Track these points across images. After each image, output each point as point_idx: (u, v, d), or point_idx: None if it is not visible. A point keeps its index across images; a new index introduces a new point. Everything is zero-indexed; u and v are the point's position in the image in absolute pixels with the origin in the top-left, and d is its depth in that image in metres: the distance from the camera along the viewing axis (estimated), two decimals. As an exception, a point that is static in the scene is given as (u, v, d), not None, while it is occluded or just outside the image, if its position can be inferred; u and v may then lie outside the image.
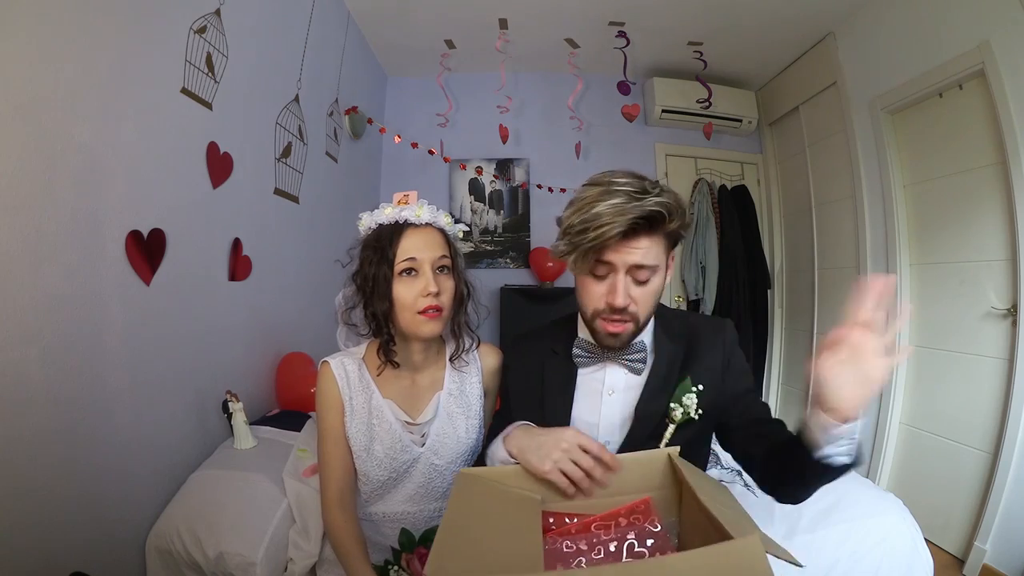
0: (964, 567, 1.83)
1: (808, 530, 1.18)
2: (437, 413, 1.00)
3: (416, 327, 0.92)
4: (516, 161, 3.23)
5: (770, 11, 2.46)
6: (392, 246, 0.91)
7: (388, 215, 0.93)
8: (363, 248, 0.95)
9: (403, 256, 0.90)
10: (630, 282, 0.79)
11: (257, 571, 1.06)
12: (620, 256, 0.78)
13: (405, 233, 0.92)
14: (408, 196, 0.96)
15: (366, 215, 0.96)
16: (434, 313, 0.91)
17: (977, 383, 1.92)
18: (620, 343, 0.85)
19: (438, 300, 0.91)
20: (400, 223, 0.93)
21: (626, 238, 0.76)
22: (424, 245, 0.92)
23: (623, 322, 0.81)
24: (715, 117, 3.10)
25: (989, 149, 1.89)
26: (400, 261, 0.90)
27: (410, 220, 0.93)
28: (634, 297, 0.80)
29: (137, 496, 1.16)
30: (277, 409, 1.71)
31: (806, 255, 2.99)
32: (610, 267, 0.79)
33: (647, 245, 0.78)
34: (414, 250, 0.91)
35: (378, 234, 0.93)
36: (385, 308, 0.91)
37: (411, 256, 0.91)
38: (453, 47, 2.77)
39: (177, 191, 1.31)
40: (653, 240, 0.78)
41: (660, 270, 0.81)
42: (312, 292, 2.09)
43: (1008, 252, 1.83)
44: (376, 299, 0.91)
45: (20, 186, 0.89)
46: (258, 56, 1.68)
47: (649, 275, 0.80)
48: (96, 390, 1.06)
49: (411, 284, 0.91)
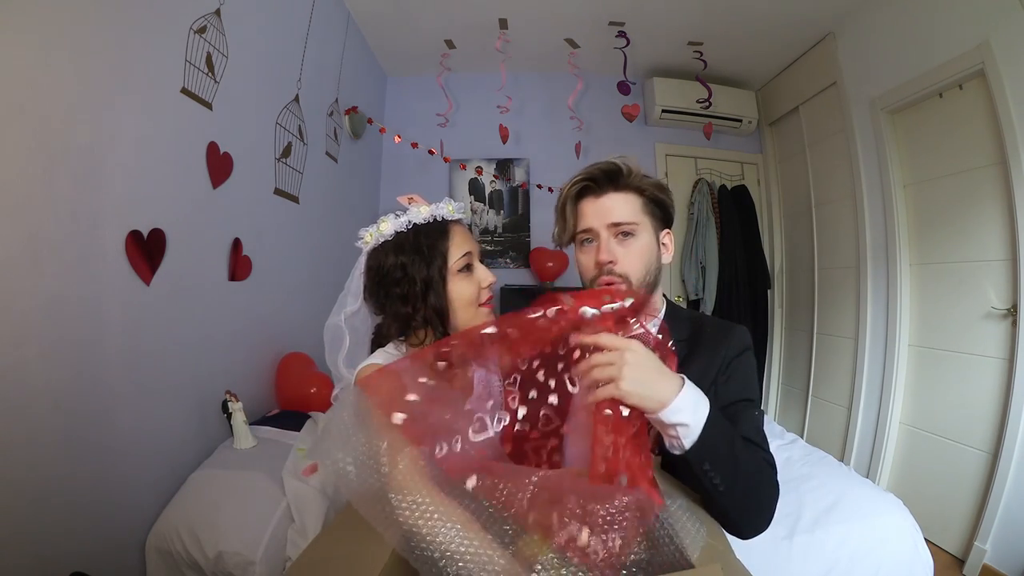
0: (964, 567, 1.83)
1: (808, 530, 1.18)
2: None
3: (477, 319, 0.88)
4: (516, 161, 3.23)
5: (770, 11, 2.46)
6: (444, 242, 0.86)
7: (425, 213, 0.88)
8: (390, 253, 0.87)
9: (459, 252, 0.87)
10: (613, 241, 0.85)
11: (256, 570, 1.06)
12: (597, 216, 0.85)
13: (453, 228, 0.88)
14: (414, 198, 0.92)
15: (390, 218, 0.88)
16: (489, 304, 0.90)
17: (977, 383, 1.92)
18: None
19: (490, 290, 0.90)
20: (439, 220, 0.89)
21: (596, 196, 0.86)
22: (470, 239, 0.90)
23: (616, 284, 0.84)
24: (715, 117, 3.10)
25: (989, 149, 1.89)
26: (458, 258, 0.86)
27: (447, 217, 0.89)
28: (619, 255, 0.84)
29: (137, 496, 1.16)
30: (277, 409, 1.71)
31: (806, 255, 2.99)
32: (591, 232, 0.86)
33: (618, 201, 0.85)
34: (467, 244, 0.88)
35: (417, 234, 0.87)
36: (443, 306, 0.86)
37: (467, 251, 0.88)
38: (453, 47, 2.77)
39: (177, 191, 1.31)
40: (624, 197, 0.85)
41: (643, 230, 0.86)
42: (312, 292, 2.09)
43: (1008, 252, 1.83)
44: (432, 300, 0.85)
45: (20, 186, 0.89)
46: (258, 56, 1.68)
47: (630, 230, 0.85)
48: (96, 390, 1.06)
49: (470, 279, 0.88)
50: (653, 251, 0.88)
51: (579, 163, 3.01)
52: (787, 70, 3.04)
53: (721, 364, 0.85)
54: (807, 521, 1.21)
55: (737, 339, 0.88)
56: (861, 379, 2.45)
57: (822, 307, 2.84)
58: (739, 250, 3.13)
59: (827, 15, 2.49)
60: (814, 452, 1.63)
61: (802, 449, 1.65)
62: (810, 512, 1.23)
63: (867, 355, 2.43)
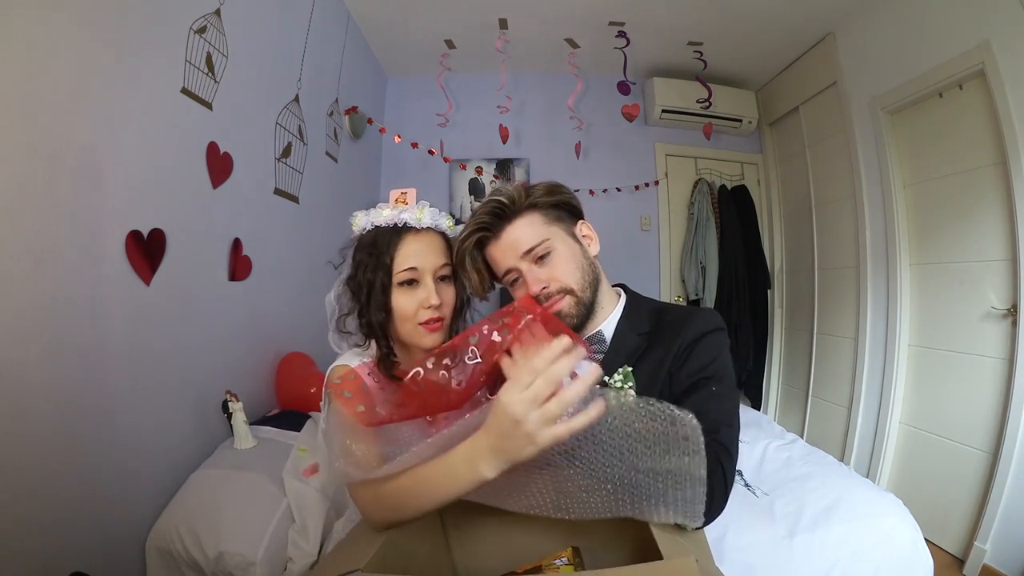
0: (964, 567, 1.83)
1: (808, 530, 1.18)
2: None
3: (418, 338, 0.85)
4: (516, 161, 3.23)
5: (770, 11, 2.46)
6: (390, 252, 0.83)
7: (386, 217, 0.85)
8: (357, 250, 0.87)
9: (403, 264, 0.83)
10: (534, 268, 0.82)
11: (257, 571, 1.06)
12: (507, 255, 0.83)
13: (405, 238, 0.84)
14: (407, 194, 0.89)
15: (361, 214, 0.88)
16: (436, 325, 0.84)
17: (977, 383, 1.92)
18: (573, 320, 0.84)
19: (439, 311, 0.84)
20: (399, 226, 0.85)
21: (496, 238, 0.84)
22: (426, 252, 0.85)
23: (556, 300, 0.82)
24: (715, 117, 3.10)
25: (989, 149, 1.89)
26: (400, 270, 0.83)
27: (410, 224, 0.85)
28: (545, 276, 0.82)
29: (137, 496, 1.16)
30: (277, 409, 1.71)
31: (806, 255, 2.99)
32: (513, 271, 0.84)
33: (519, 230, 0.83)
34: (415, 258, 0.83)
35: (374, 237, 0.85)
36: (382, 318, 0.84)
37: (412, 265, 0.83)
38: (453, 47, 2.77)
39: (177, 191, 1.31)
40: (522, 223, 0.83)
41: (556, 241, 0.83)
42: (312, 292, 2.09)
43: (1008, 252, 1.83)
44: (373, 309, 0.83)
45: (20, 186, 0.89)
46: (258, 56, 1.68)
47: (544, 250, 0.82)
48: (96, 390, 1.06)
49: (411, 294, 0.83)
50: (576, 251, 0.86)
51: (579, 163, 3.03)
52: (787, 70, 3.04)
53: (676, 353, 0.80)
54: (807, 521, 1.21)
55: (697, 324, 0.82)
56: (861, 379, 2.45)
57: (822, 307, 2.84)
58: (739, 250, 3.13)
59: (827, 15, 2.49)
60: (814, 452, 1.63)
61: (802, 449, 1.65)
62: (810, 512, 1.23)
63: (867, 355, 2.43)
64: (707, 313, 0.86)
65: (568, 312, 0.83)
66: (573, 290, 0.83)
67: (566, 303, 0.83)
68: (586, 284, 0.85)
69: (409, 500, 0.64)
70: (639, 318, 0.88)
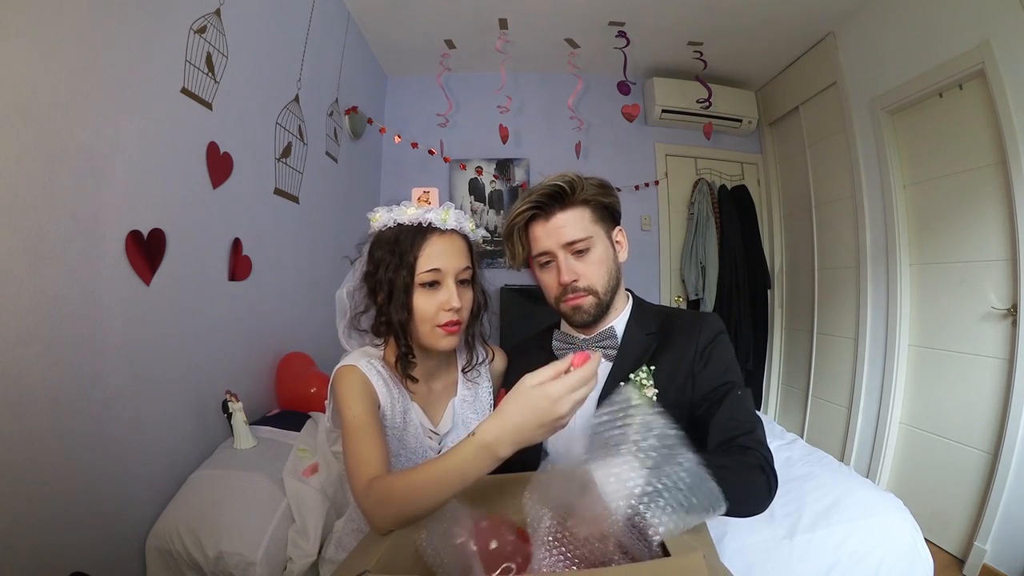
0: (964, 567, 1.83)
1: (808, 530, 1.18)
2: (455, 423, 0.95)
3: (435, 341, 0.85)
4: (516, 161, 3.23)
5: (770, 11, 2.46)
6: (415, 251, 0.82)
7: (411, 215, 0.84)
8: (376, 247, 0.86)
9: (427, 265, 0.82)
10: (571, 259, 0.87)
11: (256, 571, 1.06)
12: (550, 238, 0.87)
13: (430, 238, 0.83)
14: (429, 193, 0.88)
15: (382, 210, 0.86)
16: (454, 328, 0.84)
17: (977, 383, 1.92)
18: (589, 318, 0.89)
19: (459, 315, 0.84)
20: (424, 226, 0.84)
21: (545, 219, 0.87)
22: (449, 254, 0.84)
23: (580, 296, 0.88)
24: (715, 117, 3.10)
25: (989, 149, 1.89)
26: (423, 271, 0.82)
27: (435, 224, 0.84)
28: (579, 271, 0.87)
29: (137, 496, 1.16)
30: (277, 409, 1.71)
31: (806, 255, 2.99)
32: (549, 254, 0.88)
33: (569, 219, 0.86)
34: (439, 259, 0.82)
35: (397, 235, 0.84)
36: (404, 318, 0.83)
37: (435, 266, 0.82)
38: (453, 47, 2.77)
39: (177, 191, 1.31)
40: (573, 214, 0.87)
41: (597, 241, 0.88)
42: (312, 292, 2.09)
43: (1008, 252, 1.83)
44: (394, 308, 0.82)
45: (20, 186, 0.89)
46: (258, 56, 1.68)
47: (585, 246, 0.87)
48: (96, 390, 1.06)
49: (432, 296, 0.83)
50: (610, 256, 0.91)
51: (579, 163, 3.03)
52: (787, 70, 3.04)
53: (696, 353, 0.86)
54: (807, 521, 1.21)
55: (709, 326, 0.89)
56: (861, 379, 2.45)
57: (822, 307, 2.84)
58: (739, 250, 3.13)
59: (827, 15, 2.49)
60: (814, 452, 1.63)
61: (802, 449, 1.65)
62: (810, 512, 1.23)
63: (867, 355, 2.43)
64: (714, 316, 0.92)
65: (587, 310, 0.89)
66: (598, 292, 0.88)
67: (587, 302, 0.88)
68: (609, 288, 0.90)
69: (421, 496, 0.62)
70: (646, 319, 0.94)
